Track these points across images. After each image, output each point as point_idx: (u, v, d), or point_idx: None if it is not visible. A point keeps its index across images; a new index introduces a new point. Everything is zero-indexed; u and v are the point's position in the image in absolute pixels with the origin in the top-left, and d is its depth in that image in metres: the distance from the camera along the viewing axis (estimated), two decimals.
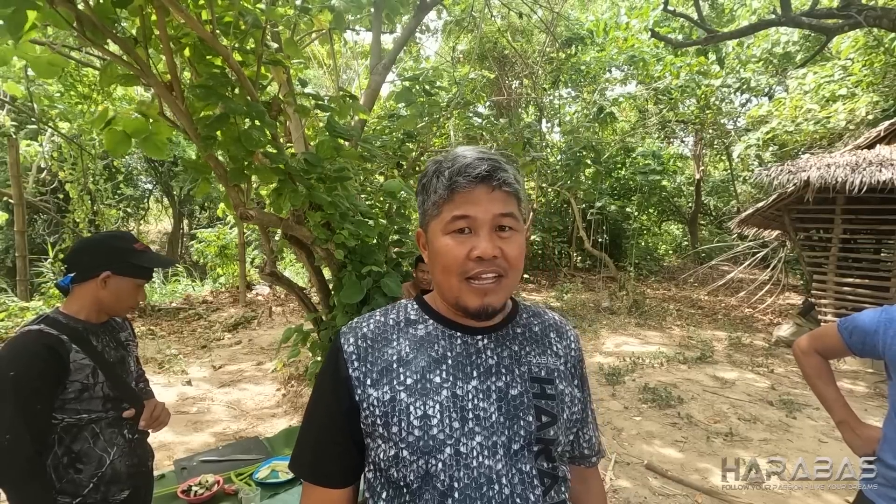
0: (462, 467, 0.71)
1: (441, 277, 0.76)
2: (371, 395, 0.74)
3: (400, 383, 0.74)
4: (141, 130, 2.37)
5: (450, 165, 0.75)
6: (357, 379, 0.75)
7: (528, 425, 0.74)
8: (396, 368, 0.75)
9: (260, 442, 2.40)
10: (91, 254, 1.35)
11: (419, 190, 0.81)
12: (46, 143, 7.99)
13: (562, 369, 0.83)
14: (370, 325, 0.81)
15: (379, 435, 0.73)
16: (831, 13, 4.31)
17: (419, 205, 0.81)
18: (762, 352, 6.11)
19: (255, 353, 6.04)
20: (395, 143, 5.38)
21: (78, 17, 2.04)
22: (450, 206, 0.74)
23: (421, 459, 0.71)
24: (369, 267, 3.73)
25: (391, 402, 0.72)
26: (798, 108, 8.54)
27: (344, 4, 2.91)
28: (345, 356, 0.77)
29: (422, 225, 0.81)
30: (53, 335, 1.26)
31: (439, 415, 0.72)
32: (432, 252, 0.78)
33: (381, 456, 0.73)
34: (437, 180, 0.76)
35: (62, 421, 1.27)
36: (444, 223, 0.75)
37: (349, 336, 0.79)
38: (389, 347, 0.77)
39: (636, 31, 10.80)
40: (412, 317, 0.82)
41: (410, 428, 0.71)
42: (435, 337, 0.78)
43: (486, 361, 0.77)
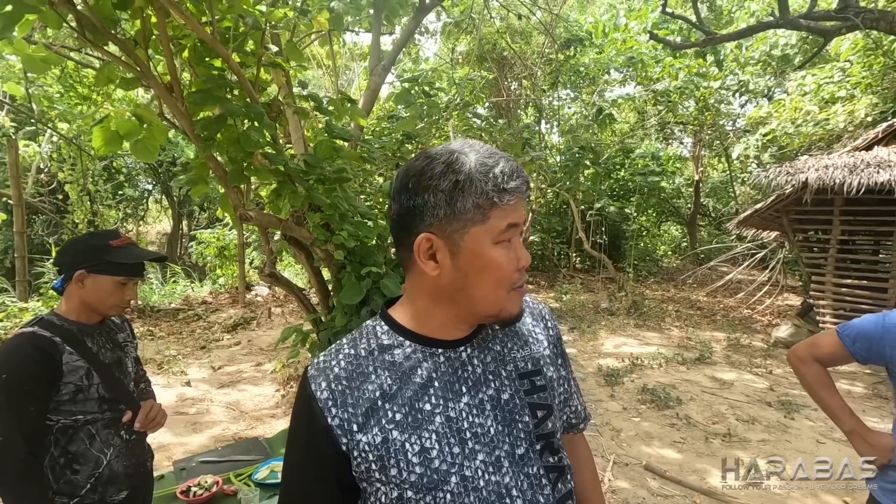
0: (471, 492, 0.67)
1: (488, 291, 0.68)
2: (360, 440, 0.67)
3: (389, 421, 0.68)
4: (133, 133, 2.37)
5: (494, 163, 0.66)
6: (339, 427, 0.67)
7: (526, 426, 0.73)
8: (382, 405, 0.68)
9: (259, 443, 2.40)
10: (70, 254, 1.35)
11: (440, 187, 0.66)
12: (46, 144, 7.99)
13: (546, 354, 0.81)
14: (341, 363, 0.72)
15: (376, 479, 0.67)
16: (829, 15, 4.33)
17: (433, 204, 0.66)
18: (761, 353, 6.11)
19: (254, 354, 6.04)
20: (395, 144, 5.39)
21: (77, 18, 2.05)
22: (500, 212, 0.66)
23: (427, 496, 0.67)
24: (369, 268, 3.73)
25: (384, 444, 0.67)
26: (797, 109, 8.56)
27: (343, 6, 2.93)
28: (319, 404, 0.68)
29: (436, 231, 0.67)
30: (46, 337, 1.26)
31: (437, 445, 0.68)
32: (477, 263, 0.67)
33: (383, 499, 0.68)
34: (483, 179, 0.65)
35: (58, 422, 1.28)
36: (495, 231, 0.67)
37: (319, 380, 0.70)
38: (368, 383, 0.69)
39: (635, 33, 10.83)
40: (385, 342, 0.73)
41: (410, 467, 0.66)
42: (416, 360, 0.71)
43: (473, 372, 0.73)
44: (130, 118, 2.32)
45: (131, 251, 1.38)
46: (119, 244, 1.36)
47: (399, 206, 0.70)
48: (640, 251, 12.80)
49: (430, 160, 0.68)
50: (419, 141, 6.34)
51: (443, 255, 0.68)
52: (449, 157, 0.67)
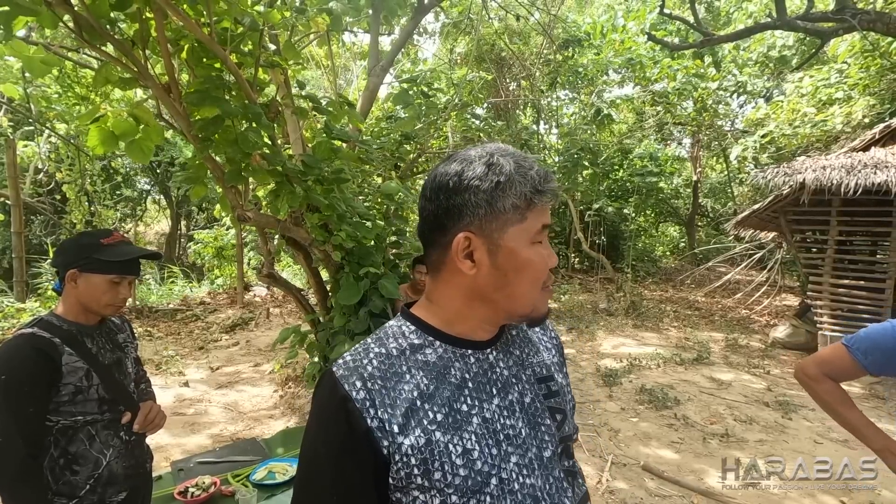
0: (507, 494, 0.66)
1: (525, 289, 0.69)
2: (403, 443, 0.63)
3: (431, 422, 0.65)
4: (129, 133, 2.37)
5: (529, 166, 0.68)
6: (379, 429, 0.64)
7: (549, 429, 0.73)
8: (421, 405, 0.66)
9: (257, 443, 2.40)
10: (63, 254, 1.35)
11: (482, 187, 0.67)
12: (44, 145, 7.98)
13: (555, 361, 0.83)
14: (373, 362, 0.69)
15: (416, 486, 0.64)
16: (826, 17, 4.34)
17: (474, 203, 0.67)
18: (758, 353, 6.13)
19: (252, 355, 6.04)
20: (393, 145, 5.39)
21: (75, 18, 2.05)
22: (537, 213, 0.68)
23: (472, 500, 0.65)
24: (367, 268, 3.73)
25: (428, 446, 0.64)
26: (795, 111, 8.59)
27: (342, 7, 2.93)
28: (357, 405, 0.64)
29: (475, 230, 0.68)
30: (45, 338, 1.26)
31: (478, 445, 0.66)
32: (516, 262, 0.68)
33: None
34: (523, 181, 0.67)
35: (57, 423, 1.28)
36: (531, 232, 0.68)
37: (353, 380, 0.66)
38: (404, 383, 0.67)
39: (633, 34, 10.85)
40: (415, 341, 0.71)
41: (455, 469, 0.64)
42: (448, 360, 0.70)
43: (501, 375, 0.73)
44: (127, 118, 2.32)
45: (122, 249, 1.37)
46: (110, 242, 1.35)
47: (436, 206, 0.69)
48: (638, 251, 12.82)
49: (469, 162, 0.69)
50: (417, 141, 6.35)
51: (481, 254, 0.68)
52: (489, 159, 0.68)
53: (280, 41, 3.27)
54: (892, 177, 4.84)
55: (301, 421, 3.99)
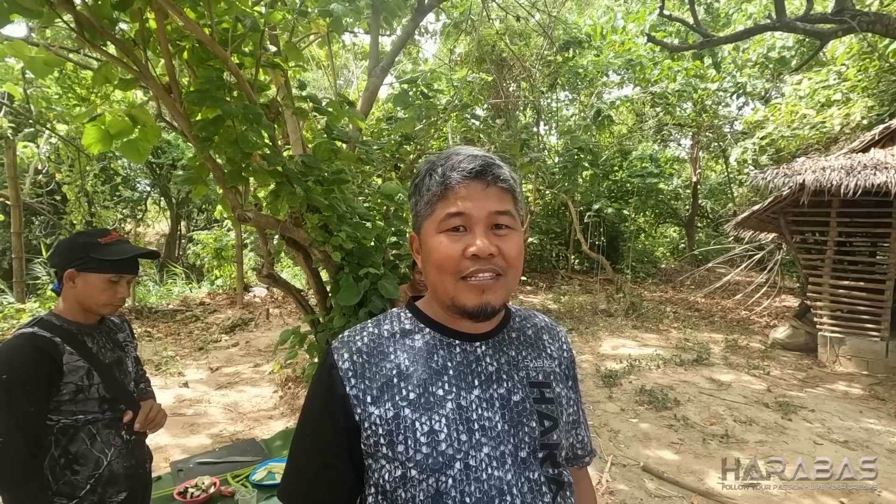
0: (472, 481, 0.68)
1: (435, 277, 0.73)
2: (372, 413, 0.69)
3: (403, 398, 0.70)
4: (125, 132, 2.36)
5: (443, 163, 0.73)
6: (355, 397, 0.70)
7: (532, 431, 0.73)
8: (397, 383, 0.71)
9: (257, 444, 2.40)
10: (59, 255, 1.35)
11: (412, 192, 0.78)
12: (44, 145, 7.98)
13: (557, 371, 0.83)
14: (364, 339, 0.76)
15: (382, 455, 0.69)
16: (825, 18, 4.34)
17: (412, 207, 0.78)
18: (758, 354, 6.13)
19: (252, 355, 6.04)
20: (393, 146, 5.39)
21: (76, 18, 2.05)
22: (443, 203, 0.71)
23: (431, 478, 0.67)
24: (366, 269, 3.73)
25: (395, 420, 0.69)
26: (794, 113, 8.59)
27: (342, 9, 2.93)
28: (339, 373, 0.72)
29: (415, 228, 0.78)
30: (46, 337, 1.26)
31: (446, 429, 0.69)
32: (425, 252, 0.74)
33: (387, 477, 0.69)
34: (430, 178, 0.73)
35: (58, 422, 1.28)
36: (437, 221, 0.72)
37: (342, 351, 0.74)
38: (387, 361, 0.73)
39: (633, 35, 10.86)
40: (407, 326, 0.78)
41: (417, 445, 0.68)
42: (433, 347, 0.75)
43: (486, 369, 0.75)
44: (123, 118, 2.31)
45: (120, 247, 1.36)
46: (107, 241, 1.35)
47: None
48: (638, 253, 12.83)
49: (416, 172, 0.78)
50: (417, 142, 6.35)
51: (421, 250, 0.77)
52: (422, 166, 0.77)
53: (280, 42, 3.27)
54: (891, 178, 4.85)
55: None
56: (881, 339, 5.46)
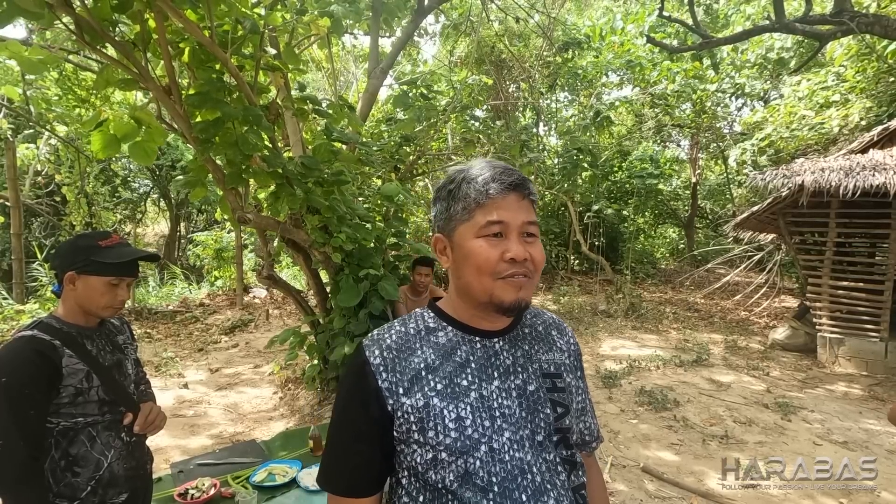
0: (497, 462, 0.76)
1: (472, 278, 0.79)
2: (404, 403, 0.76)
3: (431, 389, 0.77)
4: (131, 135, 2.37)
5: (481, 172, 0.81)
6: (387, 389, 0.77)
7: (547, 417, 0.81)
8: (425, 376, 0.78)
9: (257, 445, 2.40)
10: (60, 257, 1.34)
11: (443, 196, 0.84)
12: (43, 147, 7.98)
13: (567, 363, 0.91)
14: (392, 336, 0.83)
15: (414, 441, 0.76)
16: (824, 19, 4.35)
17: (441, 210, 0.85)
18: (758, 355, 6.13)
19: (252, 356, 6.04)
20: (393, 147, 5.40)
21: (76, 20, 2.06)
22: (483, 211, 0.79)
23: (459, 459, 0.75)
24: (366, 270, 3.74)
25: (425, 408, 0.76)
26: (792, 114, 8.61)
27: (342, 10, 2.94)
28: (372, 368, 0.79)
29: (443, 230, 0.85)
30: (46, 340, 1.26)
31: (471, 416, 0.77)
32: (462, 254, 0.81)
33: (418, 460, 0.76)
34: (469, 186, 0.80)
35: (58, 425, 1.27)
36: (476, 227, 0.79)
37: (373, 348, 0.81)
38: (414, 356, 0.80)
39: (632, 36, 10.88)
40: (431, 325, 0.85)
41: (447, 431, 0.75)
42: (456, 343, 0.82)
43: (503, 362, 0.83)
44: (128, 121, 2.32)
45: (120, 250, 1.36)
46: (108, 244, 1.35)
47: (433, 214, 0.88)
48: (637, 253, 12.83)
49: (444, 179, 0.86)
50: (417, 143, 6.35)
51: (448, 251, 0.84)
52: (454, 174, 0.84)
53: (280, 44, 3.28)
54: (890, 179, 4.85)
55: (301, 422, 3.99)
56: (880, 339, 5.46)
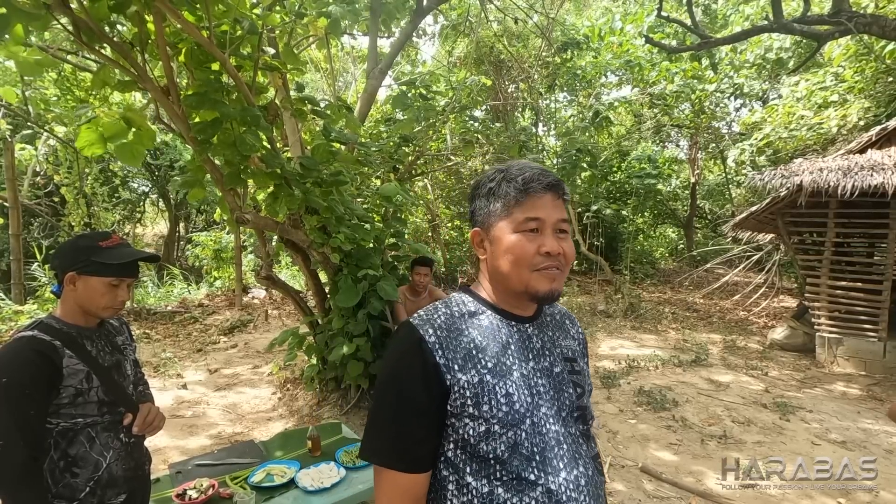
0: (537, 434, 0.84)
1: (511, 269, 0.87)
2: (461, 378, 0.82)
3: (483, 367, 0.84)
4: (119, 135, 2.36)
5: (521, 172, 0.88)
6: (444, 366, 0.82)
7: (570, 396, 0.90)
8: (476, 354, 0.85)
9: (255, 445, 2.40)
10: (60, 257, 1.34)
11: (482, 194, 0.92)
12: (42, 147, 7.98)
13: (578, 350, 1.01)
14: (441, 317, 0.88)
15: (468, 414, 0.82)
16: (823, 20, 4.36)
17: (480, 207, 0.92)
18: (756, 355, 6.14)
19: (250, 357, 6.03)
20: (392, 147, 5.40)
21: (74, 21, 2.06)
22: (521, 208, 0.87)
23: (510, 431, 0.82)
24: (365, 270, 3.74)
25: (480, 384, 0.82)
26: (791, 114, 8.61)
27: (340, 11, 2.94)
28: (428, 345, 0.84)
29: (481, 225, 0.93)
30: (46, 341, 1.26)
31: (517, 392, 0.84)
32: (500, 247, 0.88)
33: (471, 433, 0.82)
34: (509, 185, 0.88)
35: (57, 425, 1.28)
36: (515, 222, 0.87)
37: (426, 327, 0.86)
38: (463, 336, 0.86)
39: (631, 37, 10.88)
40: (472, 308, 0.92)
41: (499, 405, 0.82)
42: (497, 326, 0.89)
43: (535, 345, 0.91)
44: (118, 121, 2.31)
45: (121, 251, 1.37)
46: (109, 245, 1.35)
47: (469, 209, 0.96)
48: (636, 253, 12.83)
49: (483, 177, 0.94)
50: (416, 144, 6.35)
51: (486, 244, 0.92)
52: (493, 174, 0.92)
53: (279, 44, 3.27)
54: (888, 179, 4.86)
55: (299, 423, 3.99)
56: (879, 339, 5.47)
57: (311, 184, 3.11)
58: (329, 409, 4.12)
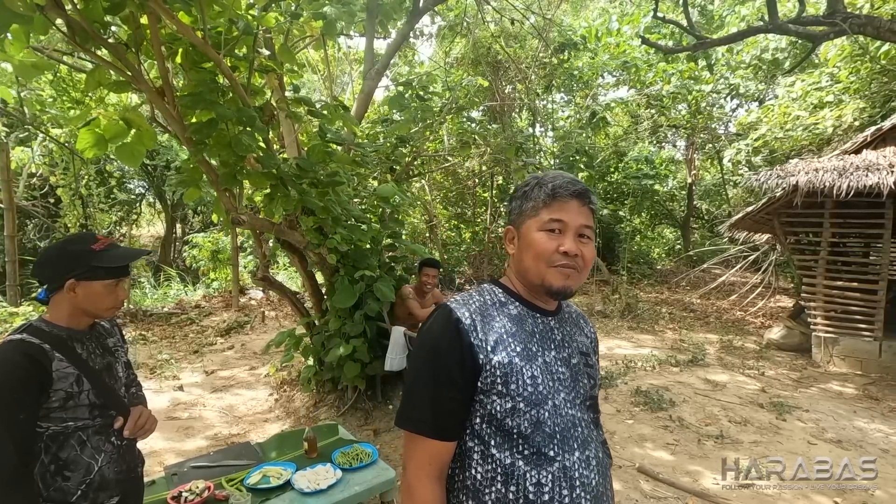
0: (558, 416, 0.93)
1: (531, 263, 0.97)
2: (493, 359, 0.91)
3: (512, 350, 0.92)
4: (119, 136, 2.35)
5: (552, 180, 0.98)
6: (478, 346, 0.91)
7: (584, 386, 1.01)
8: (506, 339, 0.93)
9: (251, 447, 2.39)
10: (52, 265, 1.33)
11: (518, 196, 1.03)
12: (38, 148, 7.94)
13: (591, 346, 1.11)
14: (475, 303, 0.98)
15: (497, 392, 0.90)
16: (817, 20, 4.38)
17: (514, 207, 1.03)
18: (753, 354, 6.15)
19: (247, 358, 6.02)
20: (389, 148, 5.39)
21: (68, 22, 2.05)
22: (547, 210, 0.96)
23: (533, 410, 0.90)
24: (362, 271, 3.73)
25: (509, 365, 0.91)
26: (787, 114, 8.65)
27: (336, 12, 2.94)
28: (465, 326, 0.92)
29: (513, 224, 1.03)
30: (35, 344, 1.25)
31: (541, 375, 0.93)
32: (525, 243, 0.98)
33: (497, 409, 0.90)
34: (540, 189, 0.98)
35: (48, 429, 1.26)
36: (541, 222, 0.96)
37: (462, 310, 0.95)
38: (495, 322, 0.95)
39: (628, 38, 10.91)
40: (502, 299, 1.00)
41: (525, 385, 0.91)
42: (524, 316, 0.99)
43: (556, 337, 1.00)
44: (118, 122, 2.30)
45: (116, 252, 1.38)
46: (102, 247, 1.35)
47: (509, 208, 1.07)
48: (633, 254, 12.87)
49: (521, 183, 1.04)
50: (413, 144, 6.35)
51: (515, 240, 1.02)
52: (530, 180, 1.03)
53: (275, 45, 3.27)
54: (883, 179, 4.88)
55: (296, 424, 3.98)
56: (874, 339, 5.49)
57: (307, 184, 3.11)
58: (326, 411, 4.11)
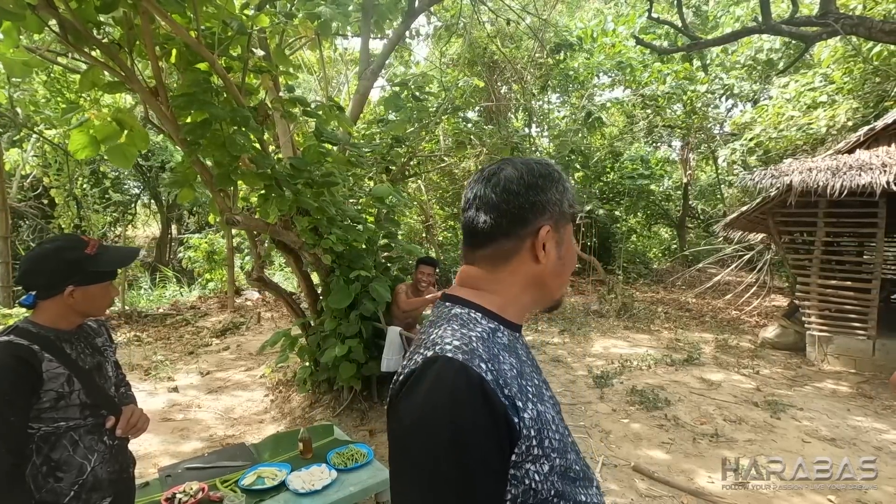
0: (571, 449, 0.74)
1: (566, 278, 0.82)
2: (525, 417, 0.66)
3: (532, 395, 0.70)
4: (112, 137, 2.34)
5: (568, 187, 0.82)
6: (511, 407, 0.65)
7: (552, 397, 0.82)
8: (520, 382, 0.69)
9: (246, 448, 2.39)
10: (47, 274, 1.31)
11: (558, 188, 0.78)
12: (31, 149, 7.90)
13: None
14: (476, 343, 0.69)
15: (531, 457, 0.66)
16: (810, 21, 4.41)
17: (552, 200, 0.77)
18: (748, 353, 6.18)
19: (243, 359, 6.00)
20: (385, 148, 5.39)
21: (61, 22, 2.04)
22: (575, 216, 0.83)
23: (563, 458, 0.70)
24: (357, 272, 3.73)
25: (539, 417, 0.68)
26: (780, 114, 8.70)
27: (330, 12, 2.93)
28: (492, 385, 0.64)
29: (552, 222, 0.77)
30: (24, 345, 1.24)
31: (552, 410, 0.74)
32: (569, 255, 0.82)
33: (536, 478, 0.66)
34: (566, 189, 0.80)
35: (39, 430, 1.26)
36: (570, 233, 0.82)
37: (477, 362, 0.66)
38: (502, 363, 0.69)
39: (623, 38, 10.95)
40: (488, 325, 0.74)
41: (553, 434, 0.70)
42: (513, 341, 0.76)
43: (529, 354, 0.82)
44: (111, 123, 2.29)
45: (111, 254, 1.41)
46: (93, 251, 1.36)
47: (523, 201, 0.75)
48: (629, 253, 12.89)
49: (548, 166, 0.80)
50: (409, 145, 6.35)
51: (550, 246, 0.77)
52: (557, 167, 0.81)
53: (270, 45, 3.26)
54: (876, 178, 4.91)
55: (292, 425, 3.97)
56: (868, 337, 5.53)
57: (301, 185, 3.10)
58: (322, 411, 4.10)
